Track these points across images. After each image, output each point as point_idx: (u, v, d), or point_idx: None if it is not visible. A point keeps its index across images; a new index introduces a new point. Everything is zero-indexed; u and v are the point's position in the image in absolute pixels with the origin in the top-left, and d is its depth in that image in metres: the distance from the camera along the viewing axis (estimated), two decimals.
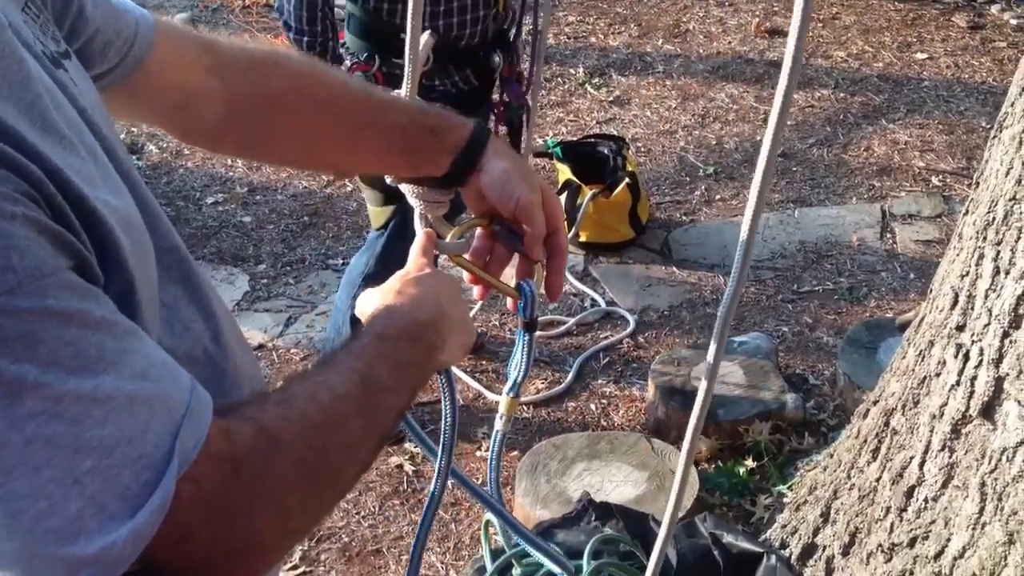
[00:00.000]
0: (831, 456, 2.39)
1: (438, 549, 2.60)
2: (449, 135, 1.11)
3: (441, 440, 1.12)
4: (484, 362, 3.26)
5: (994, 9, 5.77)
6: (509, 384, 1.16)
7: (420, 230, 1.18)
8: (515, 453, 2.85)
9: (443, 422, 1.11)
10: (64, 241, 0.69)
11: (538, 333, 3.23)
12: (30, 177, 0.69)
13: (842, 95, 4.97)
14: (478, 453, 2.88)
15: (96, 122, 0.85)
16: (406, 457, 2.86)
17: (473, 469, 2.83)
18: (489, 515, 2.22)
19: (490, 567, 2.12)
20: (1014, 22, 5.57)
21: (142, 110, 1.08)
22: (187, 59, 1.05)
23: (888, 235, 3.90)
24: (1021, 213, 1.73)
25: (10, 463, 0.65)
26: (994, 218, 1.80)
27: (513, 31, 2.68)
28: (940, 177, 4.27)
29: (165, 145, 4.52)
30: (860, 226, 3.95)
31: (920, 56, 5.33)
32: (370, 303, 1.01)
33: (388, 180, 1.20)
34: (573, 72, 5.18)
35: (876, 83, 5.07)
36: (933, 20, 5.71)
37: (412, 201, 1.18)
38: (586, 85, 5.06)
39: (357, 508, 2.73)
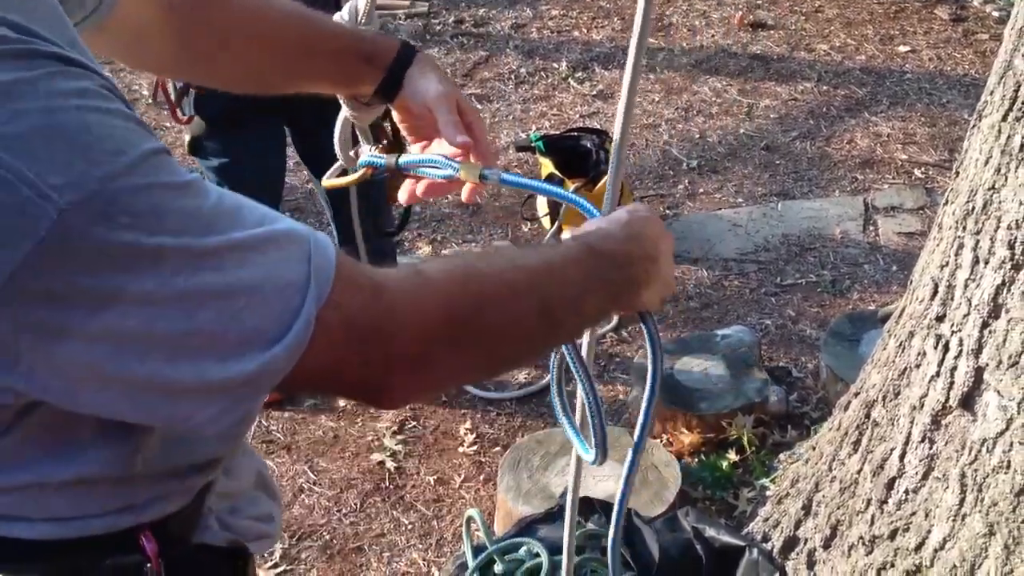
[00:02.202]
0: (813, 449, 2.38)
1: (420, 546, 2.58)
2: (380, 60, 1.21)
3: (649, 380, 1.13)
4: None
5: (976, 1, 5.78)
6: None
7: (339, 148, 1.33)
8: (497, 449, 2.84)
9: (650, 366, 1.12)
10: (151, 131, 0.76)
11: None
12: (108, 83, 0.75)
13: (825, 88, 4.96)
14: (460, 449, 2.87)
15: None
16: (387, 454, 2.84)
17: (456, 465, 2.82)
18: (471, 512, 2.21)
19: (472, 563, 2.11)
20: (996, 14, 5.57)
21: (99, 45, 1.15)
22: None
23: (871, 227, 3.90)
24: (1000, 202, 1.72)
25: (169, 315, 0.71)
26: (973, 207, 1.79)
27: None
28: (922, 169, 4.27)
29: None
30: (843, 219, 3.94)
31: (903, 49, 5.32)
32: (591, 225, 1.06)
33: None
34: (556, 66, 5.16)
35: (859, 76, 5.06)
36: (916, 13, 5.71)
37: (344, 105, 1.31)
38: (569, 79, 5.04)
39: (338, 505, 2.71)
